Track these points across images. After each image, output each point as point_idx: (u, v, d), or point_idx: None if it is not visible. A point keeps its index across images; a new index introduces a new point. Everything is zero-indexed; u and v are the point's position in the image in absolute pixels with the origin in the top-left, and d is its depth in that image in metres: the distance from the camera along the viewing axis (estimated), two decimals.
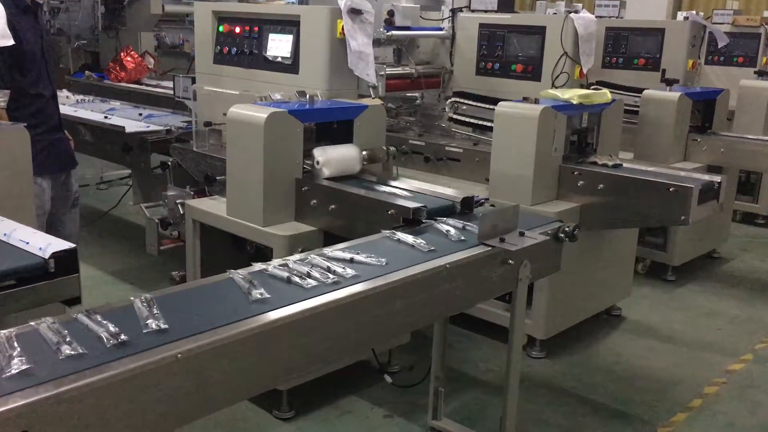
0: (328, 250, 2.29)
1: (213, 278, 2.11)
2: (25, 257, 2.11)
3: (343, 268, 2.14)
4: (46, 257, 2.08)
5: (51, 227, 3.57)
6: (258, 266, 2.14)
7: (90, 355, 1.57)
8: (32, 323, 1.69)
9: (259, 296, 1.92)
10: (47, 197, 3.60)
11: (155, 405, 1.60)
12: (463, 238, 2.51)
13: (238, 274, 2.06)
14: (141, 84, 6.33)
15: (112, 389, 1.52)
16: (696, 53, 5.80)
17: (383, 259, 2.23)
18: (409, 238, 2.45)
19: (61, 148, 3.72)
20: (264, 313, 1.86)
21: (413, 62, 4.76)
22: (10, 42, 3.27)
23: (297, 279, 2.04)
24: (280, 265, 2.14)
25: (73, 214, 3.82)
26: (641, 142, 4.99)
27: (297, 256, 2.22)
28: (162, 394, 1.61)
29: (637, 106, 5.08)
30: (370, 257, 2.24)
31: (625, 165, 3.91)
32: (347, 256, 2.23)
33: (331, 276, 2.08)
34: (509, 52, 4.57)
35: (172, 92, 4.41)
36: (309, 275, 2.07)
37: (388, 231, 2.53)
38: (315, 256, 2.22)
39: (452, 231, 2.56)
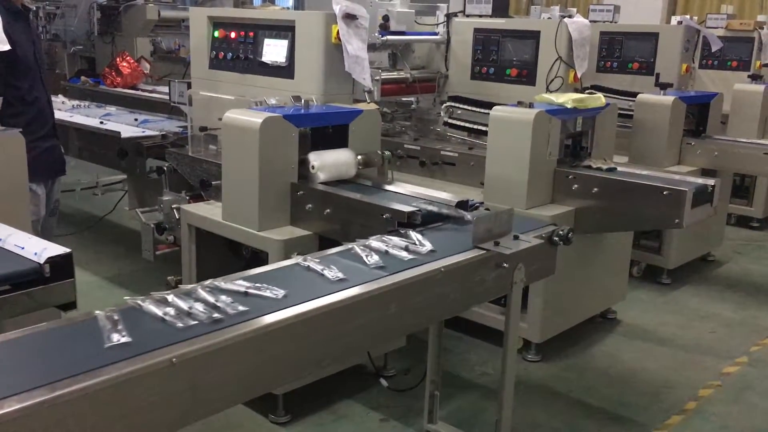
0: (223, 282, 2.02)
1: (75, 316, 1.86)
2: (20, 262, 2.11)
3: (233, 302, 1.89)
4: (42, 262, 2.08)
5: None
6: (133, 301, 1.87)
7: None
8: None
9: (116, 341, 1.66)
10: (42, 203, 3.60)
11: (149, 409, 1.61)
12: (382, 264, 2.25)
13: (104, 313, 1.78)
14: (137, 89, 6.35)
15: (104, 394, 1.52)
16: (690, 57, 5.83)
17: (282, 292, 1.97)
18: (318, 267, 2.20)
19: (55, 154, 3.73)
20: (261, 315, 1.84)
21: (408, 67, 4.78)
22: (6, 47, 3.28)
23: (171, 319, 1.79)
24: (158, 301, 1.88)
25: (50, 222, 3.81)
26: (636, 146, 5.01)
27: (189, 287, 1.96)
28: (156, 398, 1.61)
29: (632, 110, 5.10)
30: (269, 289, 1.99)
31: (619, 169, 3.92)
32: (242, 288, 1.99)
33: (215, 314, 1.82)
34: (504, 57, 4.59)
35: (167, 97, 4.41)
36: (189, 313, 1.82)
37: (300, 257, 2.28)
38: (202, 291, 1.94)
39: (373, 258, 2.29)
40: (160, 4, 7.09)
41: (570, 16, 4.46)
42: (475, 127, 4.56)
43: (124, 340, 1.66)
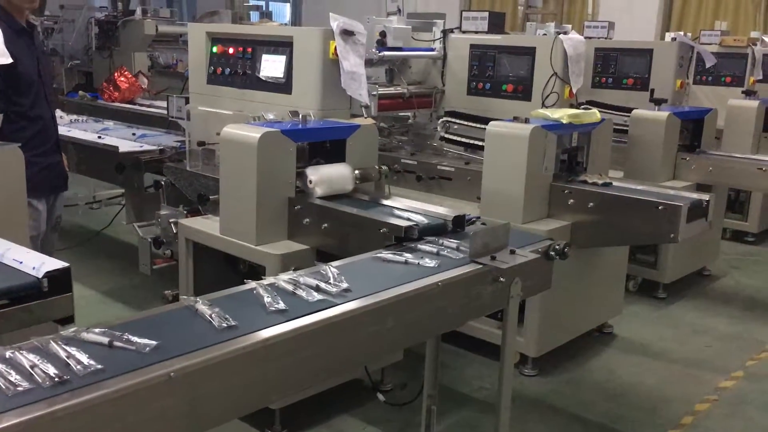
0: (86, 332, 1.75)
1: None
2: (19, 276, 2.11)
3: (89, 359, 1.60)
4: (40, 276, 2.08)
5: None
6: None
7: None
8: None
9: None
10: (43, 218, 3.60)
11: (147, 424, 1.61)
12: (284, 307, 2.00)
13: None
14: (134, 104, 6.37)
15: (102, 408, 1.52)
16: (684, 73, 5.88)
17: (153, 343, 1.72)
18: (207, 311, 1.93)
19: (57, 170, 3.74)
20: (256, 331, 1.86)
21: (405, 82, 4.81)
22: (9, 60, 3.29)
23: (4, 383, 1.51)
24: (10, 355, 1.62)
25: (52, 237, 3.80)
26: (631, 161, 5.05)
27: (44, 338, 1.70)
28: (154, 413, 1.61)
29: (627, 126, 5.14)
30: (142, 340, 1.73)
31: (615, 183, 3.94)
32: (106, 339, 1.72)
33: (63, 376, 1.54)
34: (500, 73, 4.63)
35: (165, 112, 4.43)
36: (31, 374, 1.53)
37: (192, 298, 2.01)
38: (56, 344, 1.66)
39: (275, 300, 2.03)
40: (158, 19, 7.12)
41: (565, 33, 4.50)
42: (472, 142, 4.59)
43: None
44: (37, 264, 2.12)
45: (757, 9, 10.66)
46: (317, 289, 2.15)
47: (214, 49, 4.20)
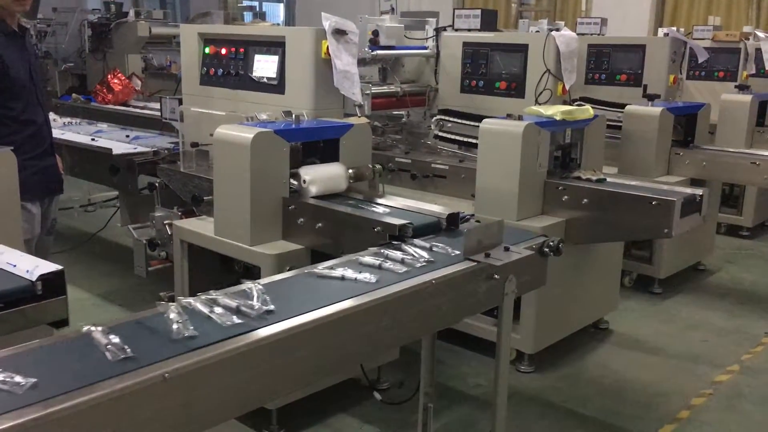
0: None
1: None
2: (12, 280, 2.11)
3: None
4: (34, 280, 2.08)
5: None
6: None
7: None
8: None
9: None
10: (37, 221, 3.60)
11: (142, 425, 1.61)
12: (195, 334, 1.78)
13: None
14: (128, 106, 6.36)
15: (97, 410, 1.52)
16: (677, 68, 5.89)
17: (31, 381, 1.53)
18: (102, 342, 1.72)
19: (51, 173, 3.73)
20: (252, 330, 1.86)
21: (398, 81, 4.82)
22: None
23: None
24: None
25: (47, 241, 3.79)
26: (625, 157, 5.05)
27: None
28: (149, 414, 1.61)
29: (620, 122, 5.15)
30: (17, 377, 1.54)
31: (609, 179, 3.95)
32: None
33: None
34: (493, 70, 4.64)
35: (159, 114, 4.43)
36: None
37: (90, 327, 1.78)
38: None
39: (185, 326, 1.80)
40: (151, 21, 7.11)
41: (558, 30, 4.51)
42: (466, 139, 4.60)
43: None
44: (31, 267, 2.13)
45: (749, 4, 10.69)
46: (237, 311, 1.94)
47: (207, 50, 4.20)
